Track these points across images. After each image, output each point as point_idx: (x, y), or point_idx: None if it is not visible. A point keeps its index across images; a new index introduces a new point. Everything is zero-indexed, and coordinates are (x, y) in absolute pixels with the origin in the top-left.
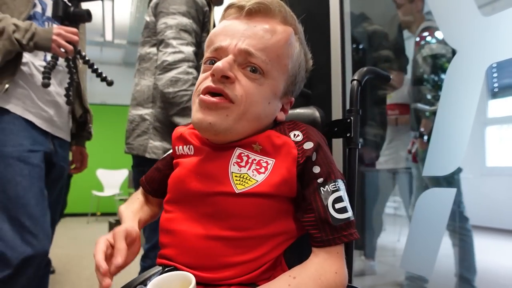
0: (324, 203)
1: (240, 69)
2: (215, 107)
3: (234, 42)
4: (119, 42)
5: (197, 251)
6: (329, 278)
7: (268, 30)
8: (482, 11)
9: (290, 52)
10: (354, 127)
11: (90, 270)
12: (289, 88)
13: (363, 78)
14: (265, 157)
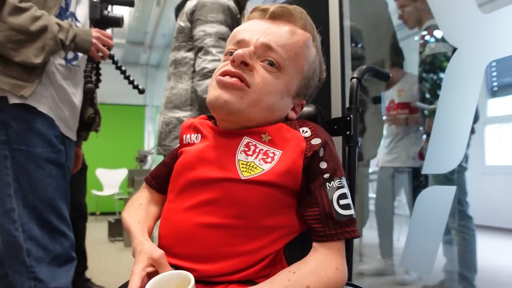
0: (329, 198)
1: (258, 61)
2: (232, 87)
3: (256, 36)
4: (118, 42)
5: (195, 240)
6: (329, 273)
7: (289, 31)
8: (481, 8)
9: (307, 54)
10: (353, 125)
11: (89, 269)
12: (302, 90)
13: (362, 76)
14: (272, 148)
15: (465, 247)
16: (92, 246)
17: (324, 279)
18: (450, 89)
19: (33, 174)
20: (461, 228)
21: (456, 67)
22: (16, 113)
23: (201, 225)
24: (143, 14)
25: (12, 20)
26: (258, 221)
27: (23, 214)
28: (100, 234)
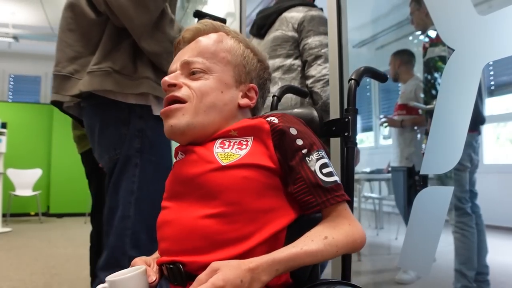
0: (311, 169)
1: (186, 79)
2: (170, 112)
3: (177, 61)
4: None
5: (193, 233)
6: (344, 227)
7: (198, 41)
8: (478, 9)
9: (225, 46)
10: (351, 126)
11: (87, 270)
12: (242, 76)
13: (360, 77)
14: (243, 138)
15: (464, 244)
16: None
17: (343, 230)
18: (448, 90)
19: (156, 185)
20: (461, 225)
21: (453, 68)
22: (154, 123)
23: (196, 218)
24: None
25: (170, 32)
26: (249, 204)
27: (137, 223)
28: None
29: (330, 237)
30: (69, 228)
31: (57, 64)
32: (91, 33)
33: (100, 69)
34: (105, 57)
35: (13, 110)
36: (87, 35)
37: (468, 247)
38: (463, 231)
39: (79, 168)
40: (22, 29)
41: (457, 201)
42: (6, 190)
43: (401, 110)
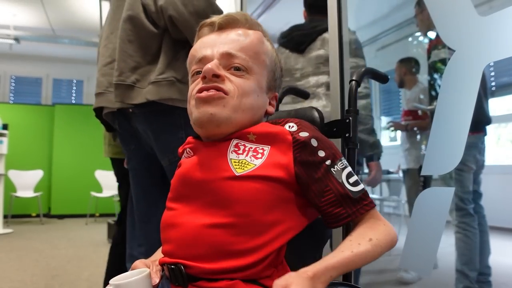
0: (339, 181)
1: (226, 71)
2: (212, 99)
3: (214, 49)
4: None
5: (199, 240)
6: (381, 227)
7: (241, 34)
8: (478, 10)
9: (265, 49)
10: (352, 127)
11: (88, 271)
12: (271, 83)
13: (361, 78)
14: (260, 145)
15: (466, 244)
16: (91, 248)
17: (381, 230)
18: (448, 91)
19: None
20: (463, 225)
21: (454, 69)
22: None
23: (204, 226)
24: None
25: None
26: (258, 217)
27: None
28: (100, 235)
29: (374, 239)
30: (70, 229)
31: (121, 74)
32: (149, 44)
33: (165, 79)
34: (167, 67)
35: (14, 111)
36: (146, 46)
37: (470, 248)
38: (466, 232)
39: (80, 170)
40: (23, 31)
41: (460, 202)
42: (7, 191)
43: (408, 116)
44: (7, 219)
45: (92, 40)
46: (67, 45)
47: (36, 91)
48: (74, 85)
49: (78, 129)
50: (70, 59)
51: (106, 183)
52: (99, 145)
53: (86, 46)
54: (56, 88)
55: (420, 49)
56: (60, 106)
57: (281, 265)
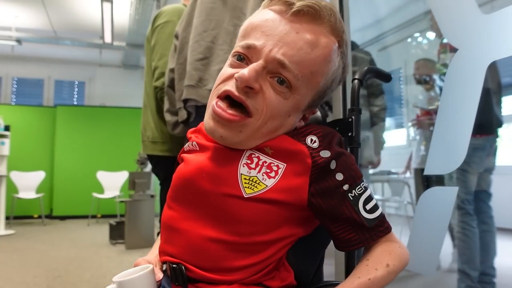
0: (355, 209)
1: (267, 77)
2: (229, 123)
3: (269, 46)
4: (118, 44)
5: (199, 252)
6: (397, 251)
7: (310, 42)
8: (482, 8)
9: (327, 69)
10: (355, 126)
11: (90, 272)
12: (316, 102)
13: (364, 77)
14: (276, 161)
15: (466, 243)
16: (93, 249)
17: (397, 254)
18: (452, 90)
19: None
20: (462, 224)
21: (457, 68)
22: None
23: (205, 238)
24: (143, 16)
25: None
26: (262, 236)
27: None
28: (101, 236)
29: (391, 264)
30: (72, 230)
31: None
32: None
33: None
34: None
35: (16, 113)
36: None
37: (469, 247)
38: (464, 231)
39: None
40: (25, 33)
41: (460, 202)
42: (9, 193)
43: (429, 115)
44: (9, 220)
45: (94, 41)
46: (69, 47)
47: (38, 93)
48: (76, 87)
49: (80, 130)
50: (72, 60)
51: (107, 184)
52: (101, 146)
53: (88, 47)
54: (58, 89)
55: (419, 50)
56: (62, 108)
57: (283, 267)
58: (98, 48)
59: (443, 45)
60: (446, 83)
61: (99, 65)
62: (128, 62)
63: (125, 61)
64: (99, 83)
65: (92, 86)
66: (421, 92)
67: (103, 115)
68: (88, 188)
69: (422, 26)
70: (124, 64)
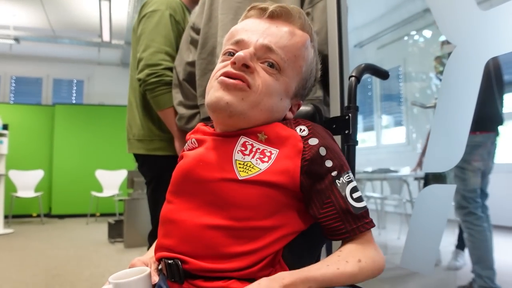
0: (342, 194)
1: (258, 62)
2: (234, 87)
3: (255, 37)
4: (116, 43)
5: (197, 240)
6: (372, 252)
7: (288, 32)
8: (481, 5)
9: (306, 55)
10: (352, 124)
11: (89, 271)
12: (300, 91)
13: (361, 74)
14: (269, 147)
15: (473, 243)
16: (92, 248)
17: (371, 254)
18: (449, 87)
19: None
20: (466, 224)
21: (455, 64)
22: None
23: (203, 226)
24: None
25: None
26: (258, 221)
27: None
28: (100, 235)
29: (363, 261)
30: (70, 229)
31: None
32: None
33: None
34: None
35: (14, 111)
36: None
37: (477, 246)
38: (469, 230)
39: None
40: (23, 31)
41: (462, 200)
42: (8, 192)
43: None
44: (8, 219)
45: (92, 40)
46: (67, 45)
47: (36, 91)
48: (74, 85)
49: (78, 129)
50: (70, 59)
51: (106, 183)
52: (100, 145)
53: (86, 46)
54: (56, 88)
55: (416, 48)
56: (60, 106)
57: (279, 265)
58: (96, 46)
59: (446, 42)
60: (444, 80)
61: (98, 63)
62: (127, 60)
63: (124, 59)
64: (97, 82)
65: (90, 85)
66: (418, 90)
67: (101, 114)
68: (87, 186)
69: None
70: (122, 62)
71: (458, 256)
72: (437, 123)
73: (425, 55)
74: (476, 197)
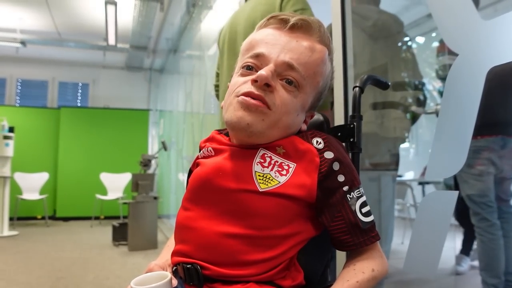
0: (352, 209)
1: (278, 80)
2: (255, 109)
3: (276, 52)
4: (122, 46)
5: (215, 248)
6: (381, 260)
7: (308, 48)
8: (483, 13)
9: (324, 71)
10: (357, 132)
11: (94, 274)
12: (315, 104)
13: (364, 84)
14: (287, 161)
15: (483, 250)
16: (96, 250)
17: (380, 262)
18: (452, 94)
19: None
20: (479, 230)
21: (457, 73)
22: None
23: (222, 234)
24: (146, 19)
25: None
26: (276, 230)
27: None
28: (104, 238)
29: (376, 270)
30: (75, 231)
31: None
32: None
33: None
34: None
35: (20, 114)
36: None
37: (487, 254)
38: (481, 237)
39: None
40: (30, 34)
41: (476, 206)
42: (13, 194)
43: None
44: (13, 222)
45: (98, 43)
46: (73, 49)
47: (42, 94)
48: (80, 88)
49: (83, 131)
50: (76, 62)
51: (111, 186)
52: (104, 148)
53: (92, 49)
54: (62, 91)
55: (409, 54)
56: (66, 109)
57: (294, 267)
58: (102, 50)
59: (440, 48)
60: (447, 87)
61: (103, 67)
62: (132, 64)
63: (129, 63)
64: (102, 85)
65: (95, 88)
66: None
67: (106, 117)
68: (92, 189)
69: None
70: (127, 66)
71: (461, 261)
72: (439, 130)
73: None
74: (489, 202)
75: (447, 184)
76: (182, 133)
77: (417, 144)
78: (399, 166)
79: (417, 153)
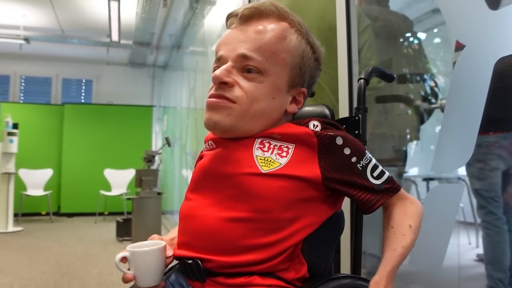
0: (364, 177)
1: (239, 73)
2: (217, 106)
3: (231, 49)
4: (125, 43)
5: (216, 233)
6: (411, 208)
7: (259, 31)
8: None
9: (286, 46)
10: (362, 124)
11: (98, 269)
12: (296, 79)
13: (369, 76)
14: (285, 143)
15: (489, 243)
16: (100, 246)
17: (413, 211)
18: (459, 86)
19: None
20: (485, 224)
21: (464, 64)
22: None
23: (224, 219)
24: (149, 15)
25: None
26: (279, 213)
27: None
28: (108, 234)
29: (413, 224)
30: (79, 227)
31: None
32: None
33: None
34: None
35: (24, 111)
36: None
37: (492, 247)
38: (487, 230)
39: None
40: (33, 31)
41: (482, 200)
42: (17, 190)
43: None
44: (18, 217)
45: (101, 40)
46: (77, 45)
47: (46, 91)
48: (83, 85)
49: (87, 128)
50: (80, 59)
51: (115, 182)
52: (108, 144)
53: (95, 46)
54: (65, 87)
55: (411, 50)
56: (69, 106)
57: (297, 259)
58: (105, 46)
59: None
60: (453, 80)
61: (106, 63)
62: (135, 60)
63: (132, 59)
64: (106, 81)
65: (99, 84)
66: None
67: (110, 113)
68: (96, 185)
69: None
70: (131, 62)
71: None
72: (445, 124)
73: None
74: (496, 196)
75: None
76: (185, 129)
77: (421, 140)
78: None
79: (421, 149)
